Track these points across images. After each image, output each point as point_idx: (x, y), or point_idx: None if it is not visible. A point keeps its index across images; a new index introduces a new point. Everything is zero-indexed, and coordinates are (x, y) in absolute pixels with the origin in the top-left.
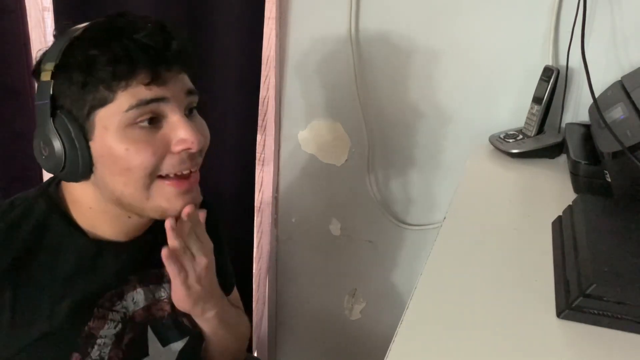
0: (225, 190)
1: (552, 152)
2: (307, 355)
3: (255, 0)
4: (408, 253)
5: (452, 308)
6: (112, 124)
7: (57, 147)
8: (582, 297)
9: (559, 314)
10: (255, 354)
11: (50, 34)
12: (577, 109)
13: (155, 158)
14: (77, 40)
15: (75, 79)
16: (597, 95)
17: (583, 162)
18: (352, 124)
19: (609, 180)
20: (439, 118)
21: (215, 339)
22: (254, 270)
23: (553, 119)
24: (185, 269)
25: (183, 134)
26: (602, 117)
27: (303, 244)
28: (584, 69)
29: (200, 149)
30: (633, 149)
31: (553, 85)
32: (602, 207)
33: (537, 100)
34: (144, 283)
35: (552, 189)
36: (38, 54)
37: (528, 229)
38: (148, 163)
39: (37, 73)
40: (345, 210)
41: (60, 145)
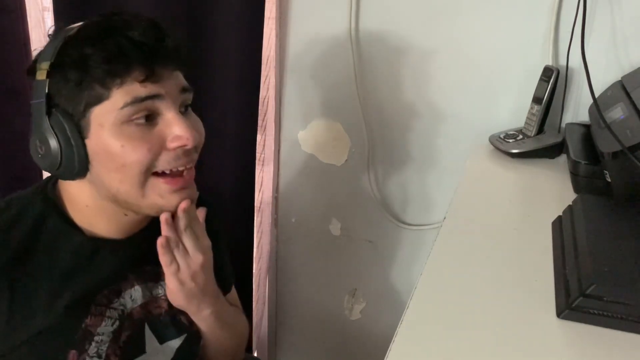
0: (225, 190)
1: (552, 152)
2: (307, 355)
3: (255, 0)
4: (408, 253)
5: (452, 308)
6: (107, 121)
7: (53, 145)
8: (582, 297)
9: (559, 314)
10: (255, 354)
11: None
12: (577, 109)
13: (151, 154)
14: (71, 39)
15: (71, 77)
16: (597, 95)
17: (583, 162)
18: (352, 124)
19: (609, 180)
20: (439, 118)
21: (213, 338)
22: (254, 270)
23: (553, 119)
24: (177, 262)
25: (178, 131)
26: (602, 117)
27: (303, 244)
28: (584, 69)
29: (196, 146)
30: (633, 149)
31: (553, 85)
32: (602, 207)
33: (537, 100)
34: (142, 280)
35: (552, 189)
36: (35, 54)
37: (528, 229)
38: (144, 159)
39: (32, 72)
40: (345, 210)
41: (56, 144)
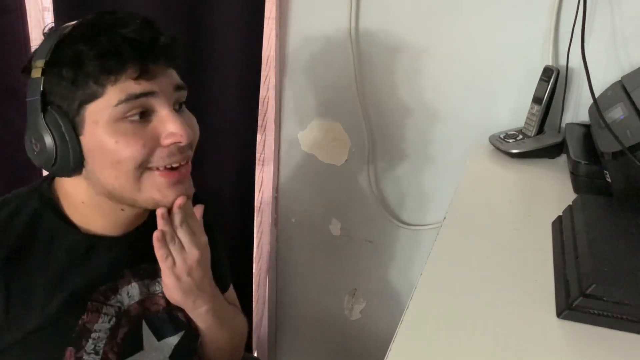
0: (225, 190)
1: (552, 152)
2: (307, 355)
3: (255, 0)
4: (408, 253)
5: (452, 308)
6: (102, 118)
7: (48, 142)
8: (582, 297)
9: (559, 314)
10: (255, 354)
11: None
12: (577, 109)
13: (145, 150)
14: (66, 38)
15: (65, 75)
16: (597, 95)
17: (583, 162)
18: (352, 124)
19: (609, 180)
20: (439, 118)
21: (210, 335)
22: (254, 270)
23: (553, 119)
24: (173, 257)
25: (172, 128)
26: (602, 117)
27: (303, 244)
28: (584, 69)
29: (190, 143)
30: (633, 149)
31: (553, 85)
32: (602, 207)
33: (537, 100)
34: (138, 277)
35: (552, 189)
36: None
37: (528, 229)
38: (138, 155)
39: (28, 70)
40: (345, 210)
41: (51, 141)
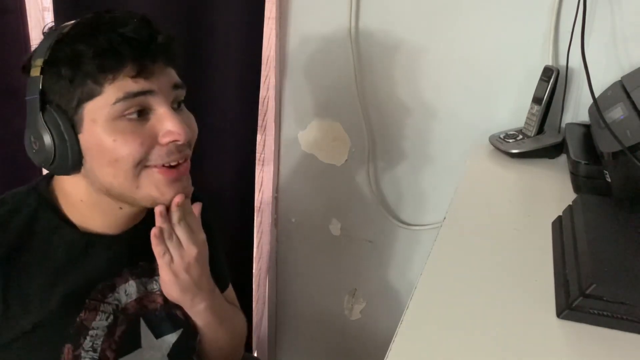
0: (225, 190)
1: (552, 152)
2: (307, 355)
3: (255, 0)
4: (408, 253)
5: (452, 308)
6: (100, 117)
7: (47, 140)
8: (582, 297)
9: (559, 314)
10: (255, 354)
11: None
12: (577, 109)
13: (143, 148)
14: (64, 37)
15: (64, 74)
16: (597, 95)
17: (583, 162)
18: (352, 124)
19: (609, 180)
20: (439, 118)
21: (209, 334)
22: (254, 270)
23: (553, 119)
24: (170, 253)
25: (170, 126)
26: (602, 117)
27: (303, 244)
28: (584, 69)
29: (188, 141)
30: (633, 149)
31: (553, 85)
32: (602, 207)
33: (537, 100)
34: (136, 275)
35: (552, 189)
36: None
37: (528, 229)
38: (136, 154)
39: (27, 69)
40: (345, 210)
41: (50, 139)
